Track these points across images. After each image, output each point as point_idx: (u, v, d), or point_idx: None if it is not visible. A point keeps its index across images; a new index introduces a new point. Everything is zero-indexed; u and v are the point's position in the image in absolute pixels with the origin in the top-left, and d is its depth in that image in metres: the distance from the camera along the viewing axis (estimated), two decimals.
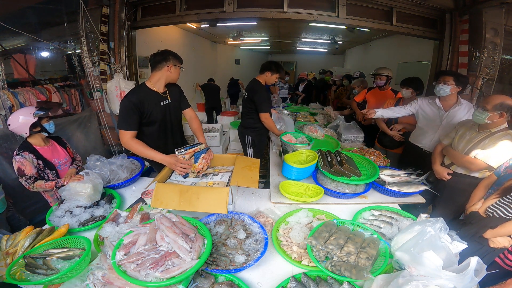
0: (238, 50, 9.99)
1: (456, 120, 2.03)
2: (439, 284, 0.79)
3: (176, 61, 1.76)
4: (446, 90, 1.99)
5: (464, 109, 2.03)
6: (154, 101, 1.75)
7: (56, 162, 1.81)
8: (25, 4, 2.85)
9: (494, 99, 1.56)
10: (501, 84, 2.96)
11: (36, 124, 1.69)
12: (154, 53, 1.75)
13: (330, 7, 3.22)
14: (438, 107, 2.11)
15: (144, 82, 1.78)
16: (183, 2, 3.38)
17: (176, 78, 1.83)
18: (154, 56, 1.73)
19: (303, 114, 3.63)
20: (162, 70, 1.73)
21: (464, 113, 2.02)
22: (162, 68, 1.72)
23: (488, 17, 2.78)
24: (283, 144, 2.09)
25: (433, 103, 2.16)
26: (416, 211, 1.65)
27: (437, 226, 0.98)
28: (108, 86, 3.40)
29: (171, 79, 1.80)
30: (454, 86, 1.97)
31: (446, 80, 1.99)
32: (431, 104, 2.17)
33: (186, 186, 1.34)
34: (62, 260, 1.09)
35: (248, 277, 1.06)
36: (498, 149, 1.56)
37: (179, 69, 1.80)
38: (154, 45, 4.67)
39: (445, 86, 1.99)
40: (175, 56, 1.77)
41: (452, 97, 2.05)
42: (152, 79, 1.76)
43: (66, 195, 1.49)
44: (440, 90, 2.02)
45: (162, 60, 1.72)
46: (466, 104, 2.05)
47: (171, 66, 1.73)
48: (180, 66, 1.80)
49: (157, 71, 1.74)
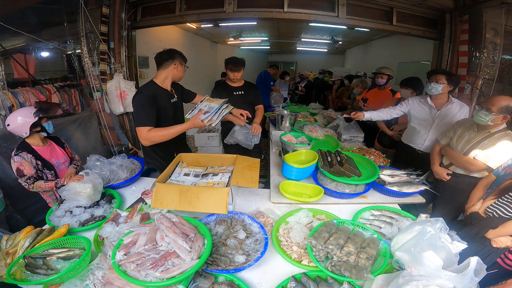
0: (238, 50, 9.98)
1: (448, 118, 2.03)
2: (439, 284, 0.79)
3: (181, 59, 1.80)
4: (438, 88, 2.00)
5: (456, 107, 2.04)
6: (165, 98, 1.77)
7: (55, 162, 1.81)
8: (25, 4, 2.85)
9: (500, 101, 1.53)
10: (501, 84, 2.96)
11: (36, 124, 1.69)
12: (161, 52, 1.77)
13: (330, 7, 3.22)
14: (430, 106, 2.12)
15: (152, 79, 1.79)
16: (183, 2, 3.38)
17: (181, 76, 1.86)
18: (161, 55, 1.75)
19: (303, 114, 3.63)
20: (169, 68, 1.75)
21: (456, 112, 2.03)
22: (168, 66, 1.75)
23: (488, 17, 2.77)
24: (283, 144, 2.09)
25: (424, 102, 2.16)
26: (416, 211, 1.65)
27: (437, 226, 0.98)
28: (108, 86, 3.40)
29: (177, 77, 1.84)
30: (446, 85, 1.98)
31: (438, 79, 2.00)
32: (423, 103, 2.18)
33: (186, 186, 1.34)
34: (62, 260, 1.09)
35: (248, 277, 1.06)
36: (497, 149, 1.55)
37: (184, 67, 1.84)
38: (154, 45, 4.68)
39: (437, 85, 2.00)
40: (181, 55, 1.81)
41: (444, 96, 2.06)
42: (159, 77, 1.77)
43: (66, 195, 1.49)
44: (432, 89, 2.03)
45: (169, 58, 1.74)
46: (457, 102, 2.06)
47: (177, 64, 1.77)
48: (184, 65, 1.84)
49: (163, 69, 1.76)
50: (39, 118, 1.70)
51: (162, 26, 4.15)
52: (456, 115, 2.02)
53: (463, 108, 2.04)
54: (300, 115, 3.52)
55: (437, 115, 2.09)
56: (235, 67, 2.35)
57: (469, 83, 2.98)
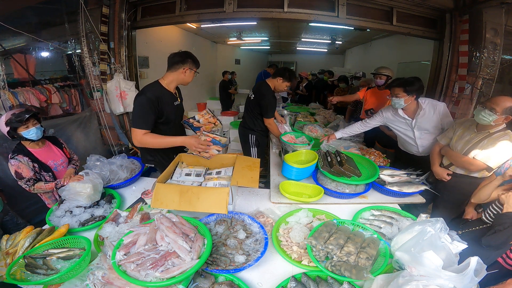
0: (238, 50, 9.98)
1: (426, 125, 1.98)
2: (439, 284, 0.79)
3: (193, 65, 1.74)
4: (400, 102, 1.92)
5: (429, 111, 1.96)
6: (169, 100, 1.74)
7: (52, 164, 1.79)
8: (25, 4, 2.85)
9: (504, 102, 1.51)
10: (501, 84, 2.96)
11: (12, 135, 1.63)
12: (174, 53, 1.73)
13: (330, 7, 3.22)
14: (403, 117, 2.03)
15: (158, 80, 1.76)
16: (183, 2, 3.38)
17: (188, 81, 1.81)
18: (173, 56, 1.71)
19: (303, 114, 3.63)
20: (178, 71, 1.71)
21: (431, 115, 1.96)
22: (178, 69, 1.71)
23: (488, 17, 2.77)
24: (283, 144, 2.09)
25: (397, 113, 2.07)
26: (416, 211, 1.65)
27: (437, 226, 0.98)
28: (108, 86, 3.41)
29: (184, 82, 1.79)
30: (407, 97, 1.89)
31: (396, 92, 1.91)
32: (396, 115, 2.09)
33: (186, 186, 1.34)
34: (62, 260, 1.09)
35: (248, 277, 1.06)
36: (497, 149, 1.55)
37: (193, 73, 1.78)
38: (154, 45, 4.68)
39: (398, 99, 1.92)
40: (194, 60, 1.75)
41: (412, 105, 1.97)
42: (166, 78, 1.74)
43: (66, 195, 1.49)
44: (395, 104, 1.96)
45: (179, 61, 1.70)
46: (429, 105, 1.96)
47: (186, 69, 1.72)
48: (195, 71, 1.78)
49: (172, 71, 1.72)
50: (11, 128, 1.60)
51: (162, 26, 4.16)
52: (432, 118, 1.96)
53: (438, 107, 1.96)
54: (300, 115, 3.53)
55: (413, 124, 2.01)
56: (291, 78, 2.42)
57: (469, 83, 2.97)
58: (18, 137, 1.66)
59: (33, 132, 1.66)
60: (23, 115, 1.61)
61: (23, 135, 1.65)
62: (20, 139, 1.69)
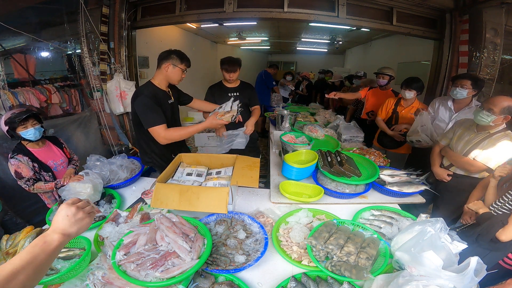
0: (238, 50, 9.98)
1: None
2: (439, 284, 0.79)
3: (177, 61, 1.67)
4: (463, 93, 2.03)
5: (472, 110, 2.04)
6: (163, 99, 1.73)
7: (52, 164, 1.79)
8: (25, 4, 2.84)
9: (501, 102, 1.52)
10: (501, 84, 2.96)
11: (11, 134, 1.64)
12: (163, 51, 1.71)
13: (330, 7, 3.22)
14: (449, 108, 2.15)
15: (150, 80, 1.74)
16: (183, 2, 3.38)
17: (174, 79, 1.74)
18: (160, 54, 1.70)
19: (303, 114, 3.63)
20: (161, 68, 1.69)
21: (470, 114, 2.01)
22: (161, 66, 1.69)
23: (488, 17, 2.77)
24: (283, 144, 2.09)
25: (444, 103, 2.20)
26: (416, 211, 1.65)
27: (437, 226, 0.98)
28: (108, 86, 3.40)
29: (171, 79, 1.73)
30: (471, 90, 2.00)
31: (464, 84, 2.01)
32: (443, 104, 2.22)
33: (186, 186, 1.34)
34: (62, 260, 1.09)
35: (248, 277, 1.06)
36: (497, 150, 1.55)
37: (179, 70, 1.70)
38: (154, 45, 4.67)
39: (462, 90, 2.02)
40: (180, 56, 1.68)
41: (467, 100, 2.09)
42: (156, 77, 1.73)
43: (66, 195, 1.49)
44: (457, 94, 2.05)
45: (163, 57, 1.68)
46: (475, 106, 2.07)
47: (169, 65, 1.66)
48: (180, 68, 1.70)
49: (158, 69, 1.72)
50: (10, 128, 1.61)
51: (162, 26, 4.15)
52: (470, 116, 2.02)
53: None
54: (300, 115, 3.53)
55: (454, 117, 2.13)
56: (230, 67, 2.24)
57: None
58: (16, 136, 1.66)
59: (31, 132, 1.66)
60: (21, 115, 1.61)
61: (21, 135, 1.65)
62: (19, 139, 1.69)
